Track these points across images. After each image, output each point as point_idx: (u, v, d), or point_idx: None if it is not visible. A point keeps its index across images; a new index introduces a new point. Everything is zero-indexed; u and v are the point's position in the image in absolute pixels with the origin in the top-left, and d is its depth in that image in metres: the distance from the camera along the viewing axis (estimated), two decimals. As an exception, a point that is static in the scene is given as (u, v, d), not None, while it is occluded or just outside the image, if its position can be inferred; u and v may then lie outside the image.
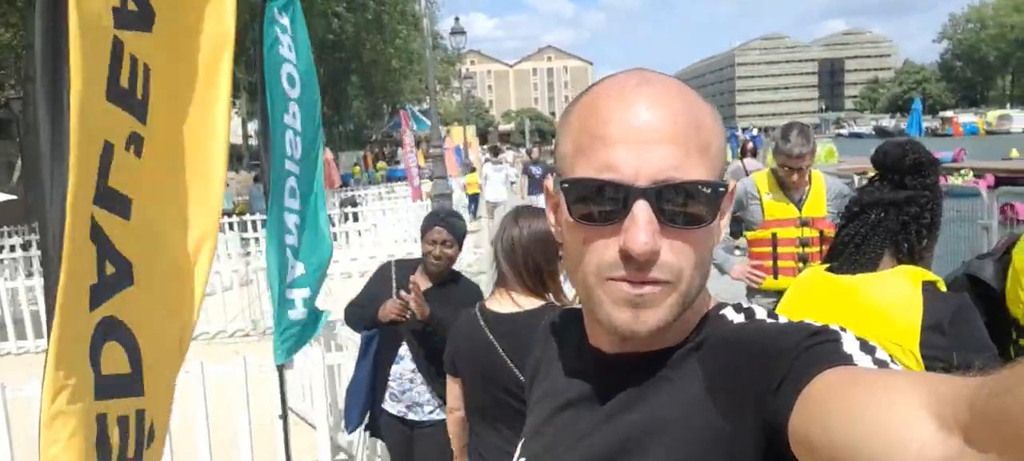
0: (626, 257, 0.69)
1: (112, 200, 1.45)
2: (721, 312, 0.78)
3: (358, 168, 30.98)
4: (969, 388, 0.46)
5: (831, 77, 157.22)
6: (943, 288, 1.61)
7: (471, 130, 26.70)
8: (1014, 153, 24.34)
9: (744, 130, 38.60)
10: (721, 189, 0.70)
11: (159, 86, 1.57)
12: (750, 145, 11.24)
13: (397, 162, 32.43)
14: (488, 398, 2.13)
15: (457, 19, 21.84)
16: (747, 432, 0.65)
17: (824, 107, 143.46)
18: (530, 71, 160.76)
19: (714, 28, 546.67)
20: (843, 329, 0.67)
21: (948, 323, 1.50)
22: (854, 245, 1.68)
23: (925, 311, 1.52)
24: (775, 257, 3.52)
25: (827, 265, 1.77)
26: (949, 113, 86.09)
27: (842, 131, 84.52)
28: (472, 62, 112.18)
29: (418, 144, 38.39)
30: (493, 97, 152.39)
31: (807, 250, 3.44)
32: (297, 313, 3.00)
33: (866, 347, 0.64)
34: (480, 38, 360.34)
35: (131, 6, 1.47)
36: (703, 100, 0.75)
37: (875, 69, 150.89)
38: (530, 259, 2.14)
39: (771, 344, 0.67)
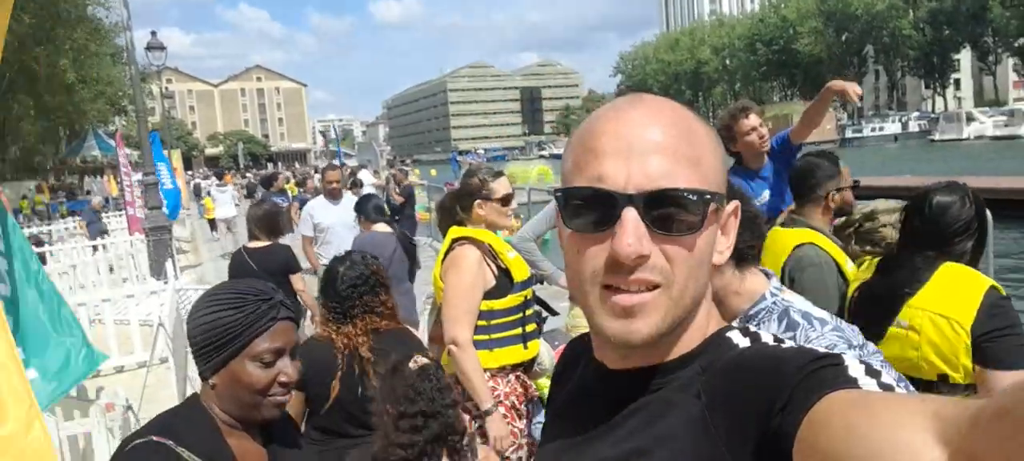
0: (616, 262, 0.71)
1: None
2: (727, 334, 0.79)
3: (25, 202, 25.90)
4: (972, 411, 0.47)
5: (532, 104, 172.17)
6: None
7: (177, 154, 23.92)
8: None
9: (464, 153, 40.09)
10: (707, 197, 0.72)
11: None
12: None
13: (88, 193, 27.85)
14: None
15: (154, 33, 19.45)
16: (747, 457, 0.66)
17: (527, 132, 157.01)
18: (239, 91, 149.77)
19: (421, 53, 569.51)
20: (846, 354, 0.69)
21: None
22: None
23: None
24: None
25: None
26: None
27: (544, 153, 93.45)
28: (169, 81, 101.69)
29: (102, 172, 33.49)
30: (197, 118, 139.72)
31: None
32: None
33: (871, 371, 0.65)
34: (177, 55, 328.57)
35: None
36: (699, 120, 0.78)
37: (566, 97, 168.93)
38: (265, 222, 5.05)
39: (775, 368, 0.68)
